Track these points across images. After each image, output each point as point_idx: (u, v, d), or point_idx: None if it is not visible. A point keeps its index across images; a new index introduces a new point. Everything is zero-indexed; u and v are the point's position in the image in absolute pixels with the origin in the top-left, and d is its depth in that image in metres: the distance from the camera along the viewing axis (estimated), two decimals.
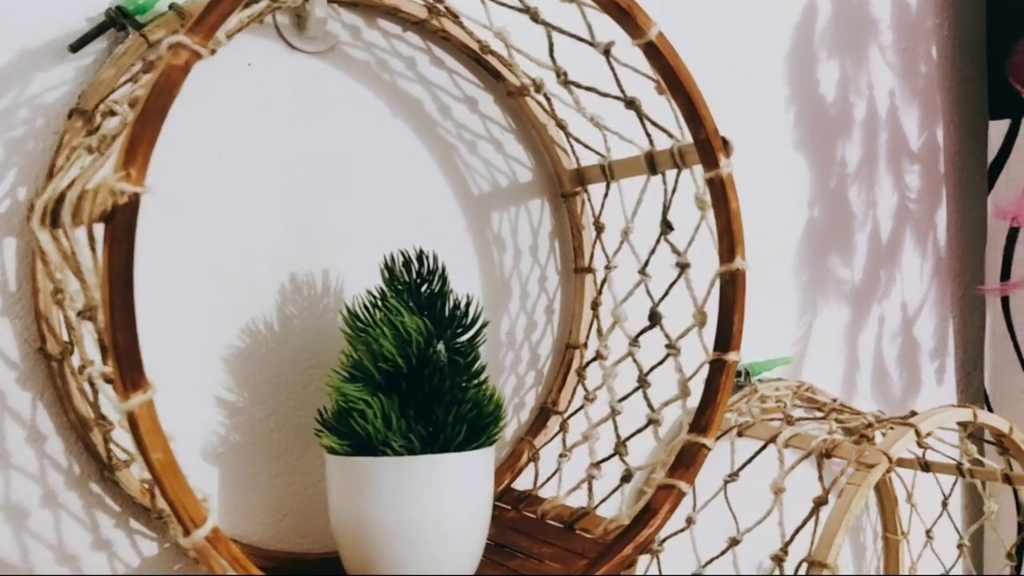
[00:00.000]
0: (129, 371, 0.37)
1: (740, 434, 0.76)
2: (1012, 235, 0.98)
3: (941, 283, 1.02)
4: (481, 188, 0.69)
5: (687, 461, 0.56)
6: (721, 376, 0.57)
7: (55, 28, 0.52)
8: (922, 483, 0.92)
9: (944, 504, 0.89)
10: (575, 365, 0.71)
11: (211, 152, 0.58)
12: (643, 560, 0.74)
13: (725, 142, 0.57)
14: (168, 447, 0.38)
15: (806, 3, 0.90)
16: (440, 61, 0.66)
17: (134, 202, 0.37)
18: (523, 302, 0.71)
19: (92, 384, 0.49)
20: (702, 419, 0.56)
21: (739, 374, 0.84)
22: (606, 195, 0.69)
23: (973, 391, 1.04)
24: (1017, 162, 0.98)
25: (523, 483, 0.69)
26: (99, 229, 0.38)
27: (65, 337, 0.51)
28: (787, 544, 0.67)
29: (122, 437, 0.51)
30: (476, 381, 0.55)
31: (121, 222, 0.37)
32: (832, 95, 0.92)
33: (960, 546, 0.89)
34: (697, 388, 0.59)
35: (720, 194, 0.57)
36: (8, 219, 0.51)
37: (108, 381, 0.44)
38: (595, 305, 0.70)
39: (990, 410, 1.00)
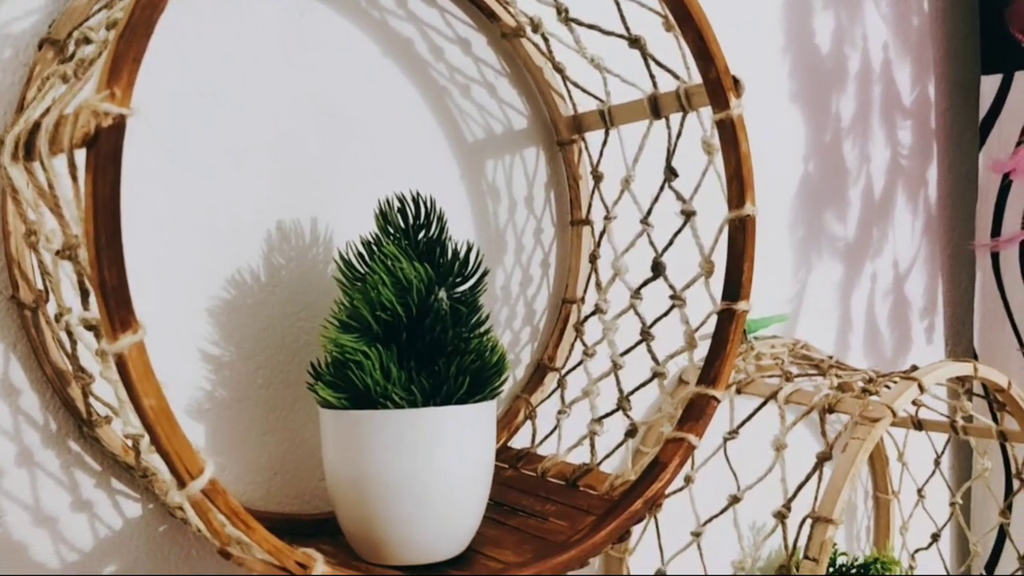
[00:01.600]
0: (118, 310, 0.34)
1: (739, 391, 0.74)
2: (1003, 191, 0.97)
3: (931, 240, 1.01)
4: (475, 134, 0.66)
5: (696, 414, 0.54)
6: (731, 326, 0.55)
7: None
8: (909, 441, 0.92)
9: (936, 462, 0.88)
10: (572, 320, 0.68)
11: (190, 92, 0.54)
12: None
13: (736, 81, 0.55)
14: (161, 393, 0.35)
15: None
16: None
17: (120, 124, 0.34)
18: (518, 255, 0.68)
19: (70, 334, 0.46)
20: (711, 371, 0.55)
21: None
22: (605, 142, 0.66)
23: (962, 349, 1.04)
24: (1009, 117, 0.97)
25: (520, 441, 0.66)
26: (79, 157, 0.35)
27: (40, 284, 0.48)
28: (790, 500, 0.65)
29: (102, 391, 0.48)
30: (478, 331, 0.52)
31: (106, 147, 0.34)
32: (827, 46, 0.90)
33: (953, 504, 0.88)
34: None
35: (730, 137, 0.55)
36: None
37: (89, 328, 0.41)
38: (593, 258, 0.68)
39: None
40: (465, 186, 0.65)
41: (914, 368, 0.72)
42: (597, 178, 0.67)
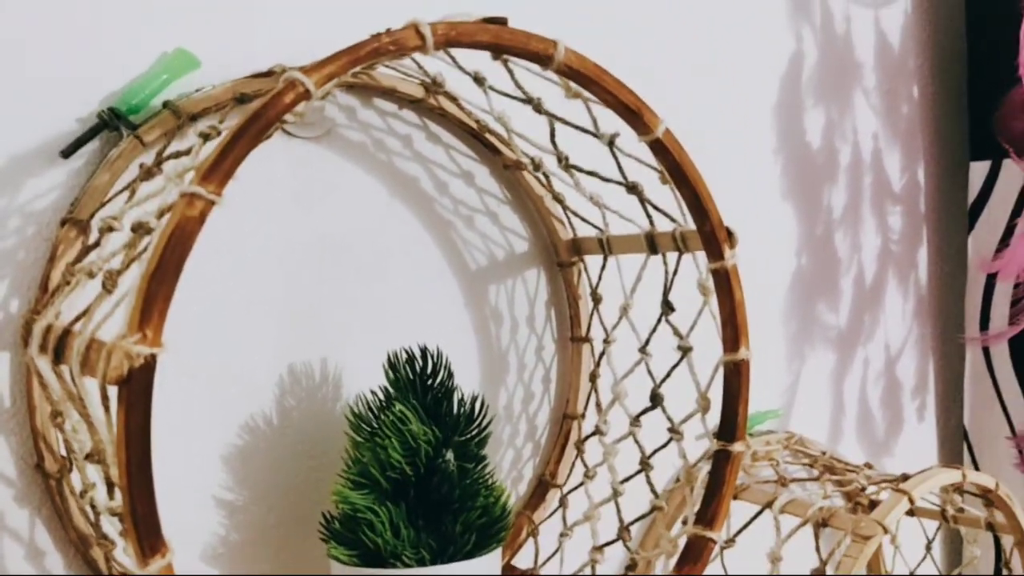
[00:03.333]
0: (148, 537, 0.36)
1: (735, 497, 0.76)
2: (991, 277, 0.99)
3: (922, 322, 1.03)
4: (478, 262, 0.68)
5: (694, 556, 0.56)
6: (726, 467, 0.57)
7: (44, 130, 0.50)
8: (903, 524, 0.94)
9: (928, 548, 0.90)
10: (573, 437, 0.70)
11: (204, 245, 0.56)
12: None
13: (730, 233, 0.57)
14: None
15: (793, 51, 0.90)
16: (436, 137, 0.65)
17: (151, 363, 0.36)
18: (520, 373, 0.70)
19: (94, 507, 0.48)
20: (708, 512, 0.57)
21: None
22: (603, 267, 0.68)
23: (952, 427, 1.06)
24: (998, 204, 0.99)
25: (522, 560, 0.68)
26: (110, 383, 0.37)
27: (63, 453, 0.50)
28: None
29: (123, 555, 0.50)
30: (483, 484, 0.54)
31: (138, 384, 0.36)
32: (818, 142, 0.92)
33: None
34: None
35: (725, 285, 0.57)
36: (0, 333, 0.50)
37: (114, 514, 0.43)
38: (593, 377, 0.70)
39: (970, 447, 1.02)
40: (469, 312, 0.67)
41: (905, 477, 0.74)
42: (596, 300, 0.69)
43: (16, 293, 0.50)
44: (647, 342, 0.63)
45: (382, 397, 0.55)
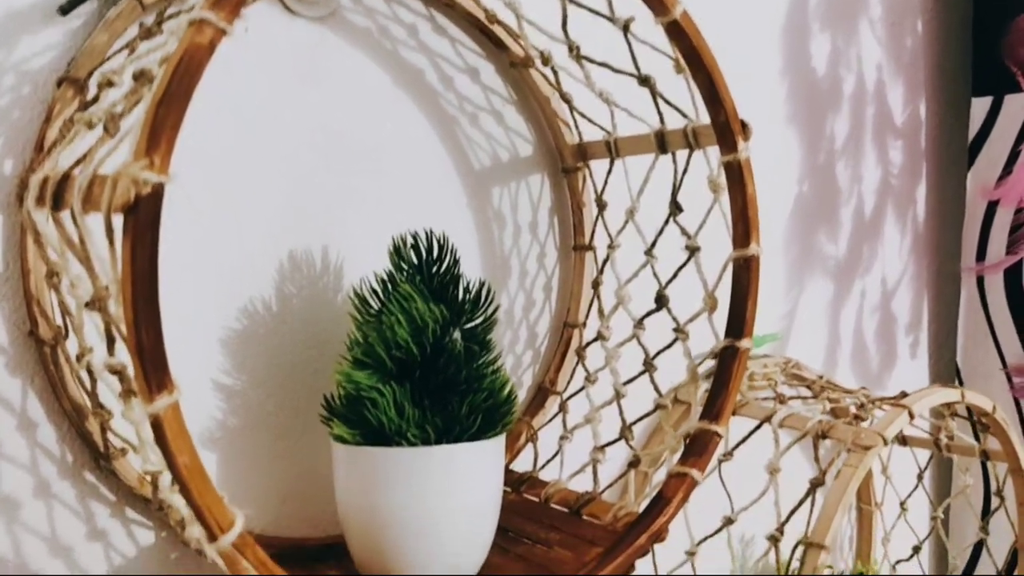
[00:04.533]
0: (155, 372, 0.35)
1: (734, 412, 0.76)
2: (989, 212, 0.99)
3: (918, 258, 1.03)
4: (481, 162, 0.66)
5: (699, 449, 0.55)
6: (734, 363, 0.56)
7: None
8: (893, 454, 0.94)
9: (919, 477, 0.91)
10: (574, 344, 0.70)
11: (204, 123, 0.54)
12: None
13: (744, 125, 0.56)
14: (194, 450, 0.36)
15: None
16: (442, 29, 0.63)
17: (158, 192, 0.34)
18: (522, 280, 0.69)
19: (91, 372, 0.46)
20: (714, 406, 0.56)
21: None
22: (609, 172, 0.67)
23: (945, 363, 1.06)
24: (998, 139, 0.98)
25: (521, 464, 0.68)
26: (116, 218, 0.35)
27: (59, 321, 0.48)
28: (783, 524, 0.67)
29: (120, 425, 0.49)
30: (490, 368, 0.53)
31: (145, 214, 0.34)
32: (823, 69, 0.91)
33: (934, 518, 0.91)
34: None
35: (737, 178, 0.56)
36: None
37: (114, 372, 0.42)
38: (596, 284, 0.69)
39: (961, 383, 1.02)
40: (472, 213, 0.66)
41: (903, 394, 0.74)
42: (601, 206, 0.68)
43: (10, 153, 0.48)
44: (653, 244, 0.62)
45: (386, 279, 0.54)
